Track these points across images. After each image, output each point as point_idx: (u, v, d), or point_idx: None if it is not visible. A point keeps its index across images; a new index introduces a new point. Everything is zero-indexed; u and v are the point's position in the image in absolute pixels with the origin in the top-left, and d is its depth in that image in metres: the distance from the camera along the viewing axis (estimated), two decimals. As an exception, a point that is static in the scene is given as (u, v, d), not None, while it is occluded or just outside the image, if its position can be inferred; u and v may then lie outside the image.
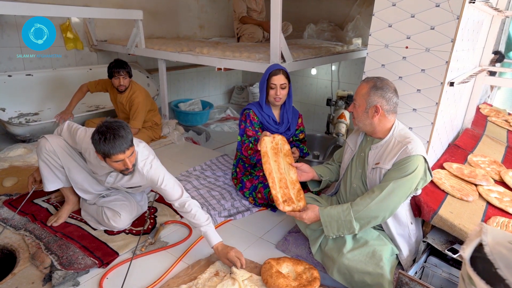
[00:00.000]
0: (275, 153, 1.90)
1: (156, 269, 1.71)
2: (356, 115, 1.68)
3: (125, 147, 1.61)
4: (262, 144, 1.88)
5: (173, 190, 1.78)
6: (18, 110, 3.29)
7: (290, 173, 1.87)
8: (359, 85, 1.68)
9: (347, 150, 1.87)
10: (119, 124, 1.62)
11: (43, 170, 1.89)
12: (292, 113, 2.41)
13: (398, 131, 1.66)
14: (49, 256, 1.70)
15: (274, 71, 2.23)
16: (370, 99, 1.61)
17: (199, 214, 1.75)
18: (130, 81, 3.01)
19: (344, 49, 3.49)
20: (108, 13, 3.16)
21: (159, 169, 1.82)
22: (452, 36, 1.70)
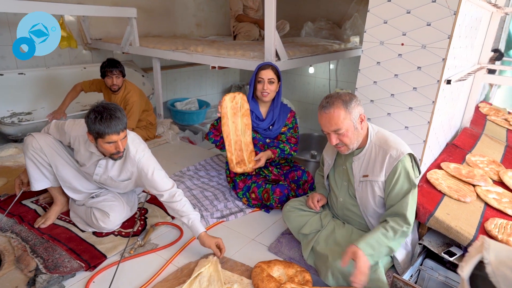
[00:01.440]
0: (234, 113, 2.07)
1: (144, 272, 1.67)
2: (349, 140, 1.55)
3: (120, 128, 1.61)
4: (223, 104, 2.05)
5: (163, 180, 1.79)
6: (11, 110, 3.24)
7: (245, 134, 2.09)
8: (328, 115, 1.51)
9: (325, 163, 1.85)
10: (115, 106, 1.63)
11: (29, 169, 1.85)
12: (281, 110, 2.35)
13: (374, 135, 1.62)
14: (34, 259, 1.66)
15: (263, 66, 2.22)
16: (354, 115, 1.51)
17: (188, 204, 1.77)
18: (124, 81, 2.96)
19: (341, 47, 3.44)
20: (101, 11, 3.11)
21: (151, 159, 1.83)
22: (449, 33, 1.65)
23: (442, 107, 1.91)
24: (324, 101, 1.54)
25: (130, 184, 1.91)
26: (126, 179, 1.87)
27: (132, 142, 1.80)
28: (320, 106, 1.55)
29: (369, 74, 1.92)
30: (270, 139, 2.35)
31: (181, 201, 1.74)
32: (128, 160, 1.79)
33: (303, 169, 2.34)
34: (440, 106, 1.87)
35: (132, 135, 1.84)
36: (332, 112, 1.50)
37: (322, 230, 1.74)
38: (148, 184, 1.80)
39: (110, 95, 3.01)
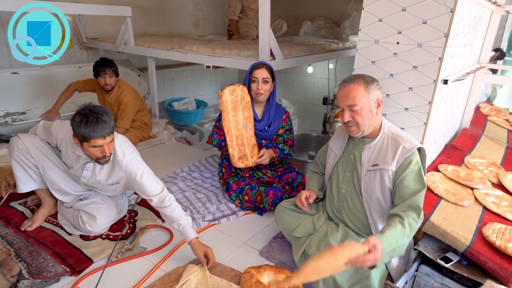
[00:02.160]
0: (234, 107, 2.04)
1: (131, 277, 1.62)
2: (360, 119, 1.51)
3: (106, 133, 1.56)
4: (223, 97, 2.02)
5: (153, 184, 1.73)
6: (5, 109, 3.21)
7: (247, 128, 2.06)
8: (347, 88, 1.50)
9: (330, 155, 1.77)
10: (102, 109, 1.58)
11: (15, 170, 1.81)
12: (276, 111, 2.31)
13: (387, 127, 1.60)
14: (18, 263, 1.62)
15: (257, 65, 2.17)
16: (372, 96, 1.50)
17: (179, 209, 1.72)
18: (118, 80, 2.92)
19: (339, 47, 3.38)
20: (95, 10, 3.07)
21: (139, 162, 1.77)
22: (446, 31, 1.60)
23: (439, 107, 1.85)
24: (347, 78, 1.54)
25: (119, 188, 1.87)
26: (114, 183, 1.83)
27: (119, 146, 1.74)
28: (342, 82, 1.55)
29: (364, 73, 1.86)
30: (266, 141, 2.30)
31: (171, 206, 1.69)
32: (116, 164, 1.75)
33: (298, 170, 2.30)
34: (437, 107, 1.81)
35: (120, 138, 1.79)
36: (352, 87, 1.50)
37: (315, 233, 1.68)
38: (137, 188, 1.76)
39: (103, 95, 2.97)
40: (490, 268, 1.45)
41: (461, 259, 1.58)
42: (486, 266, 1.47)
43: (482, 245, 1.52)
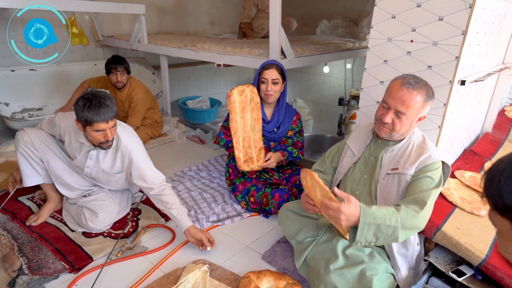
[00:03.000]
0: (243, 108, 1.99)
1: (129, 277, 1.60)
2: (399, 127, 1.43)
3: (109, 117, 1.58)
4: (232, 97, 1.97)
5: (153, 173, 1.79)
6: (22, 105, 3.29)
7: (254, 130, 2.00)
8: (407, 93, 1.36)
9: (347, 154, 1.68)
10: (104, 94, 1.61)
11: (21, 164, 1.83)
12: (286, 112, 2.24)
13: (417, 134, 1.51)
14: (19, 258, 1.63)
15: (267, 65, 2.11)
16: (424, 111, 1.42)
17: (176, 197, 1.80)
18: (129, 78, 2.93)
19: (355, 46, 3.28)
20: (110, 8, 3.10)
21: (143, 151, 1.83)
22: (464, 28, 1.49)
23: (456, 110, 1.74)
24: (412, 79, 1.40)
25: (122, 179, 1.87)
26: (118, 172, 1.83)
27: (124, 133, 1.78)
28: (405, 80, 1.40)
29: (376, 73, 1.78)
30: (275, 143, 2.24)
31: (170, 195, 1.77)
32: (119, 150, 1.77)
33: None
34: (454, 109, 1.70)
35: (124, 126, 1.84)
36: (414, 94, 1.37)
37: (318, 238, 1.61)
38: (138, 176, 1.77)
39: (115, 92, 2.99)
40: (508, 284, 1.34)
41: (476, 273, 1.47)
42: (503, 282, 1.36)
43: (499, 259, 1.41)
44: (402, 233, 1.31)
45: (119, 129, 1.76)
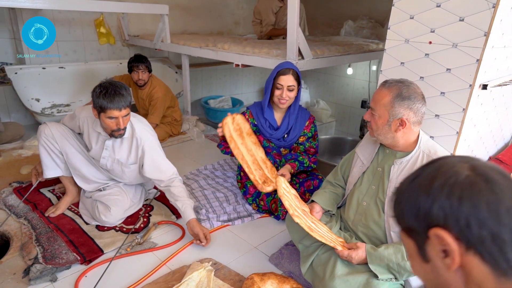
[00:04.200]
0: (239, 135, 1.93)
1: (136, 272, 1.64)
2: (375, 126, 1.41)
3: (122, 105, 1.66)
4: (225, 128, 1.91)
5: (167, 166, 1.89)
6: (52, 101, 3.44)
7: (258, 152, 1.92)
8: (378, 90, 1.39)
9: (356, 163, 1.63)
10: (121, 84, 1.70)
11: (42, 156, 1.93)
12: (298, 116, 2.18)
13: (424, 142, 1.42)
14: (36, 247, 1.70)
15: (283, 70, 2.03)
16: (394, 111, 1.34)
17: (184, 189, 1.87)
18: (150, 76, 3.00)
19: (379, 47, 3.19)
20: (134, 8, 3.19)
21: (157, 142, 1.91)
22: (486, 29, 1.41)
23: (477, 115, 1.65)
24: (392, 79, 1.42)
25: (135, 171, 1.93)
26: (133, 163, 1.90)
27: (139, 124, 1.86)
28: (387, 82, 1.42)
29: (392, 75, 1.72)
30: (286, 149, 2.20)
31: (179, 187, 1.84)
32: (134, 140, 1.84)
33: (321, 178, 2.17)
34: (474, 115, 1.61)
35: (140, 118, 1.92)
36: (382, 92, 1.38)
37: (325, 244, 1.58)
38: (150, 166, 1.85)
39: (137, 90, 3.07)
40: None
41: None
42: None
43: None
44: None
45: (134, 120, 1.84)
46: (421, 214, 0.56)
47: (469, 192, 0.52)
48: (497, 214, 0.50)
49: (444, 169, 0.56)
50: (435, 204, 0.54)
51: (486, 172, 0.54)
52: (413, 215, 0.58)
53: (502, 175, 0.54)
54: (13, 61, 3.42)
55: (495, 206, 0.50)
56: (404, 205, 0.60)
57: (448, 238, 0.52)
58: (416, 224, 0.57)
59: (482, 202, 0.51)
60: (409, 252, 0.63)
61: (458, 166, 0.55)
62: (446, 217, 0.53)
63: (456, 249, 0.52)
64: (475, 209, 0.51)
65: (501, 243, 0.50)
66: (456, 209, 0.52)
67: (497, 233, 0.50)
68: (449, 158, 0.59)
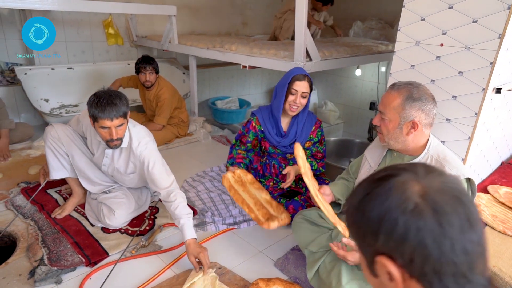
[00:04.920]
0: (241, 185, 1.81)
1: (141, 275, 1.63)
2: (386, 131, 1.38)
3: (114, 115, 1.61)
4: (225, 181, 1.82)
5: (162, 176, 1.75)
6: (60, 101, 3.47)
7: (261, 195, 1.76)
8: (387, 93, 1.37)
9: (364, 165, 1.60)
10: (117, 94, 1.65)
11: (48, 157, 1.94)
12: (305, 122, 2.13)
13: (433, 147, 1.38)
14: (42, 249, 1.70)
15: (298, 76, 1.97)
16: (405, 114, 1.31)
17: (182, 206, 1.67)
18: (158, 78, 3.00)
19: (388, 49, 3.14)
20: (142, 9, 3.19)
21: (153, 153, 1.80)
22: (500, 31, 1.37)
23: (490, 119, 1.60)
24: (400, 82, 1.39)
25: (135, 178, 1.91)
26: (131, 172, 1.88)
27: (136, 134, 1.80)
28: (395, 85, 1.39)
29: (402, 78, 1.68)
30: (292, 154, 2.17)
31: (175, 202, 1.67)
32: (131, 152, 1.80)
33: (328, 182, 2.14)
34: (488, 119, 1.57)
35: (139, 128, 1.85)
36: (392, 95, 1.35)
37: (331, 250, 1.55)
38: (148, 179, 1.79)
39: (144, 91, 3.07)
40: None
41: (504, 299, 1.34)
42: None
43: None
44: None
45: (134, 131, 1.80)
46: (368, 239, 0.56)
47: (415, 224, 0.51)
48: (440, 248, 0.50)
49: (394, 193, 0.54)
50: (381, 232, 0.53)
51: (435, 201, 0.52)
52: (361, 237, 0.58)
53: (454, 197, 0.53)
54: (22, 62, 3.45)
55: (439, 241, 0.50)
56: (353, 223, 0.59)
57: (392, 267, 0.53)
58: (363, 246, 0.58)
59: (427, 236, 0.50)
60: (361, 262, 0.63)
61: (409, 190, 0.53)
62: (391, 250, 0.53)
63: (399, 277, 0.53)
64: (419, 243, 0.51)
65: (442, 275, 0.51)
66: (402, 240, 0.52)
67: (439, 269, 0.51)
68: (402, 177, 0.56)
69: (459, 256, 0.50)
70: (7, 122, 2.74)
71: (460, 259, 0.50)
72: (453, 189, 0.54)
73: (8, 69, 3.35)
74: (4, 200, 2.12)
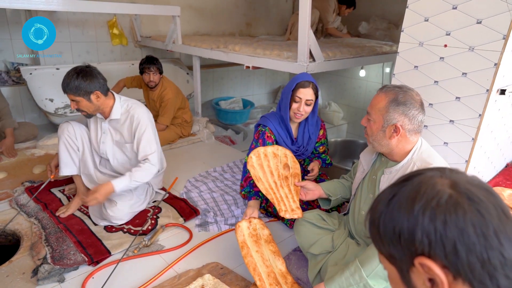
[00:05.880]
0: (255, 241, 1.64)
1: (143, 274, 1.63)
2: (370, 132, 1.38)
3: (66, 90, 1.79)
4: (238, 232, 1.65)
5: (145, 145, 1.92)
6: (65, 101, 3.48)
7: (277, 264, 1.59)
8: (376, 94, 1.37)
9: (359, 168, 1.60)
10: (79, 73, 1.78)
11: (61, 153, 1.99)
12: (314, 127, 2.11)
13: (419, 153, 1.34)
14: (45, 247, 1.72)
15: (303, 83, 1.90)
16: (389, 116, 1.30)
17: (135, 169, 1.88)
18: (162, 78, 3.01)
19: (392, 49, 3.13)
20: (146, 9, 3.20)
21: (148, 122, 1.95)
22: (505, 32, 1.36)
23: (494, 121, 1.59)
24: (390, 85, 1.39)
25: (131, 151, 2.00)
26: (129, 142, 1.99)
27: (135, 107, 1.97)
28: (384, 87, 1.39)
29: (405, 79, 1.68)
30: (301, 159, 2.16)
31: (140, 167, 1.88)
32: (128, 120, 1.95)
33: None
34: (492, 121, 1.56)
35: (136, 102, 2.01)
36: (379, 96, 1.35)
37: (333, 252, 1.55)
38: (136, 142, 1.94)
39: (148, 92, 3.08)
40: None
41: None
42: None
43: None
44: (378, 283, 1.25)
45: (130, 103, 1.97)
46: (403, 241, 0.51)
47: (454, 215, 0.48)
48: (485, 237, 0.46)
49: (424, 188, 0.51)
50: (417, 229, 0.49)
51: (468, 189, 0.50)
52: (393, 242, 0.53)
53: (484, 189, 0.50)
54: (28, 62, 3.48)
55: (482, 229, 0.47)
56: (383, 230, 0.54)
57: (436, 268, 0.48)
58: (398, 251, 0.53)
59: (469, 226, 0.47)
60: (391, 278, 0.58)
61: (439, 184, 0.51)
62: (431, 244, 0.48)
63: (444, 279, 0.48)
64: (462, 234, 0.47)
65: (492, 269, 0.46)
66: (442, 233, 0.48)
67: (487, 259, 0.46)
68: (427, 173, 0.54)
69: (505, 246, 0.46)
70: (10, 121, 2.77)
71: (507, 251, 0.46)
72: (481, 182, 0.52)
73: (14, 69, 3.37)
74: (9, 199, 2.14)
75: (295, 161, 1.84)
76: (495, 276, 0.46)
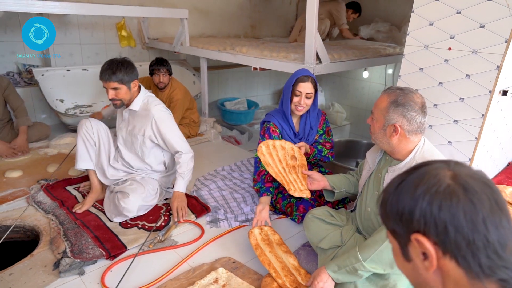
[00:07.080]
0: (267, 244, 1.76)
1: (158, 268, 1.70)
2: (373, 130, 1.47)
3: (107, 78, 1.91)
4: (251, 237, 1.77)
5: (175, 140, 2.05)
6: (75, 102, 3.56)
7: (289, 260, 1.70)
8: (380, 95, 1.45)
9: (365, 166, 1.67)
10: (123, 62, 1.95)
11: (79, 147, 2.10)
12: (315, 120, 2.20)
13: (421, 153, 1.40)
14: (64, 242, 1.79)
15: (302, 77, 2.03)
16: (389, 116, 1.37)
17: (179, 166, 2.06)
18: (171, 79, 3.08)
19: (395, 51, 3.20)
20: (154, 12, 3.28)
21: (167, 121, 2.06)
22: (507, 36, 1.43)
23: (497, 121, 1.66)
24: (395, 86, 1.47)
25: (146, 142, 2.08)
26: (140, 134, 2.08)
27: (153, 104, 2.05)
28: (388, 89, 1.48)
29: (410, 81, 1.74)
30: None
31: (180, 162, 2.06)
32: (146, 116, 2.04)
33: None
34: (494, 121, 1.62)
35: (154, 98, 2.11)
36: (382, 97, 1.43)
37: (342, 246, 1.62)
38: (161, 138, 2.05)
39: (157, 93, 3.15)
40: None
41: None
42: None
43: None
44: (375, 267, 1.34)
45: (150, 100, 2.06)
46: (404, 219, 0.60)
47: (449, 201, 0.56)
48: (473, 223, 0.54)
49: (427, 176, 0.60)
50: (416, 210, 0.58)
51: (466, 182, 0.58)
52: (397, 219, 0.62)
53: (482, 183, 0.58)
54: (39, 63, 3.55)
55: (471, 216, 0.55)
56: (390, 209, 0.64)
57: (427, 243, 0.57)
58: (399, 228, 0.62)
59: (460, 212, 0.55)
60: (393, 251, 0.68)
61: (441, 174, 0.59)
62: (426, 223, 0.57)
63: (433, 253, 0.57)
64: (453, 217, 0.55)
65: (475, 249, 0.54)
66: (436, 216, 0.56)
67: (472, 240, 0.54)
68: (434, 164, 0.63)
69: (490, 232, 0.54)
70: (25, 119, 2.83)
71: (491, 236, 0.54)
72: (482, 176, 0.60)
73: (26, 71, 3.45)
74: (26, 196, 2.21)
75: (301, 154, 1.94)
76: (477, 255, 0.54)
